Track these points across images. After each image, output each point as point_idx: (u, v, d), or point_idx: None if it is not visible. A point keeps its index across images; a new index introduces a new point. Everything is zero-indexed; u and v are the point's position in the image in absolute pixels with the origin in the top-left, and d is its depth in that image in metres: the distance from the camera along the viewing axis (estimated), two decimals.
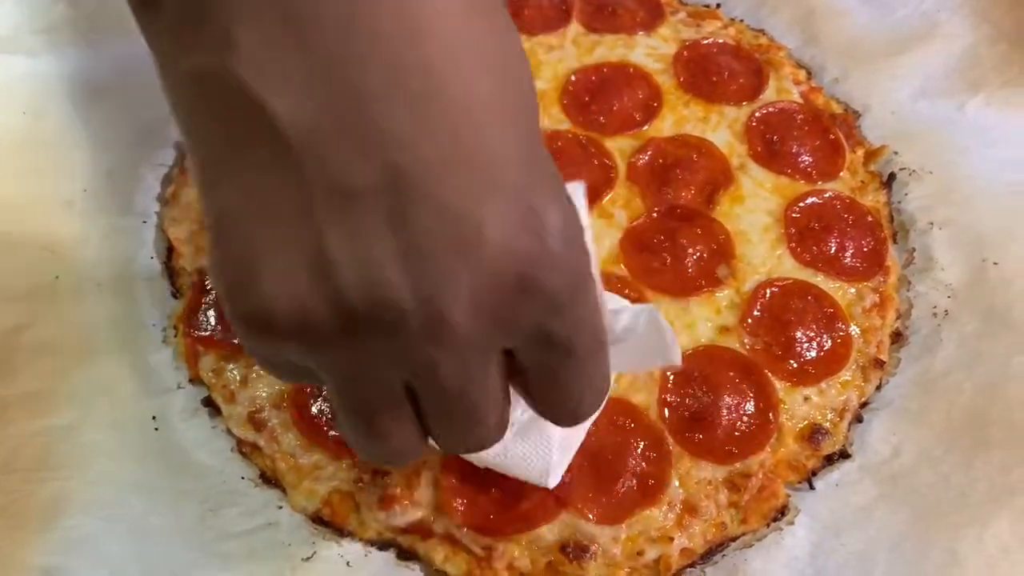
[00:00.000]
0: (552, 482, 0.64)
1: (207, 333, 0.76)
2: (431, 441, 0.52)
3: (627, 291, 0.78)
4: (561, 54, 0.95)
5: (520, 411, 0.59)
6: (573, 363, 0.49)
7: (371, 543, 0.70)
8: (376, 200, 0.41)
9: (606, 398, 0.54)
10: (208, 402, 0.76)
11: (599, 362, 0.51)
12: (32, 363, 0.76)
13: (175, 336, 0.79)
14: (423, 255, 0.41)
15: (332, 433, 0.71)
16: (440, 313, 0.42)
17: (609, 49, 0.97)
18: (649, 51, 0.97)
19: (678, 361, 0.58)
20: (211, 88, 0.43)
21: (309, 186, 0.41)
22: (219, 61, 0.42)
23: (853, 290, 0.81)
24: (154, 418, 0.74)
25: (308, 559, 0.68)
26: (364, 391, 0.47)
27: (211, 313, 0.77)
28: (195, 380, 0.77)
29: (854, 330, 0.78)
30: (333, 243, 0.41)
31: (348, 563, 0.68)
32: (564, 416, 0.53)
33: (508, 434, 0.54)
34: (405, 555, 0.69)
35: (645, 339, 0.56)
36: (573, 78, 0.93)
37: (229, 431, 0.74)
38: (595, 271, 0.49)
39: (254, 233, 0.42)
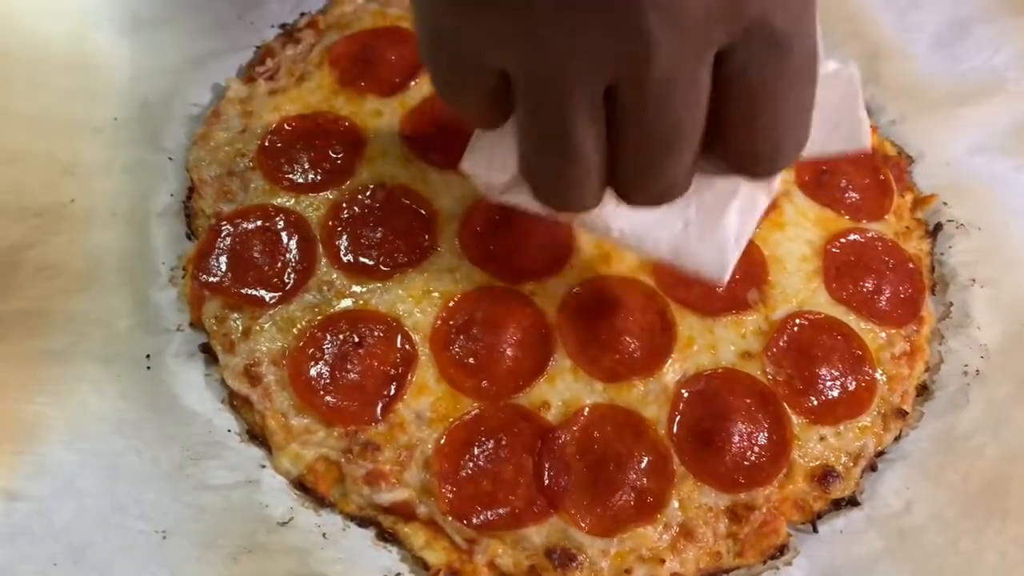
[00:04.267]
0: (727, 276, 0.58)
1: (216, 279, 0.74)
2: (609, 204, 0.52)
3: (653, 301, 0.75)
4: None
5: (694, 207, 0.55)
6: (787, 69, 0.47)
7: (351, 518, 0.67)
8: None
9: (801, 154, 0.51)
10: (206, 349, 0.73)
11: (808, 83, 0.49)
12: (32, 283, 0.73)
13: (182, 277, 0.76)
14: None
15: (328, 399, 0.69)
16: None
17: None
18: None
19: (867, 145, 0.54)
20: None
21: None
22: None
23: (884, 335, 0.77)
24: (148, 356, 0.72)
25: (284, 524, 0.65)
26: (563, 94, 0.47)
27: (223, 259, 0.75)
28: (196, 325, 0.74)
29: (880, 376, 0.75)
30: None
31: (324, 534, 0.65)
32: (762, 158, 0.51)
33: (679, 229, 0.54)
34: (384, 536, 0.66)
35: (837, 111, 0.52)
36: None
37: (223, 382, 0.71)
38: None
39: None
